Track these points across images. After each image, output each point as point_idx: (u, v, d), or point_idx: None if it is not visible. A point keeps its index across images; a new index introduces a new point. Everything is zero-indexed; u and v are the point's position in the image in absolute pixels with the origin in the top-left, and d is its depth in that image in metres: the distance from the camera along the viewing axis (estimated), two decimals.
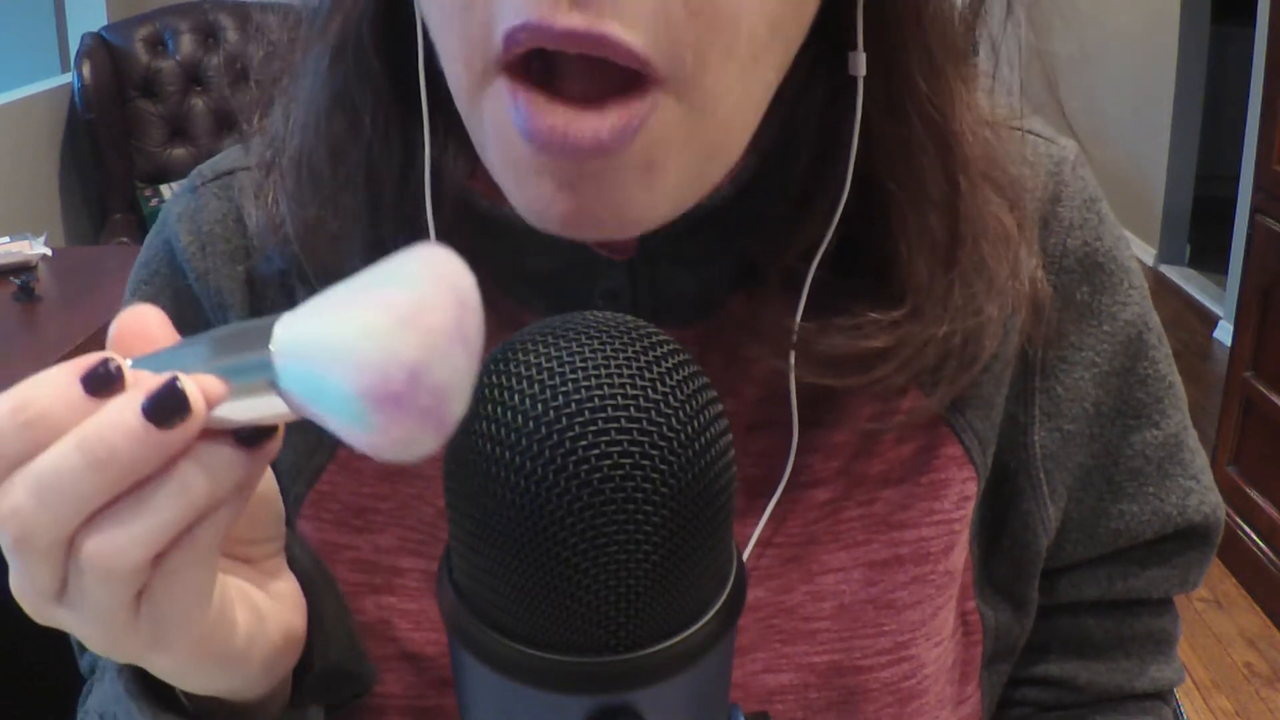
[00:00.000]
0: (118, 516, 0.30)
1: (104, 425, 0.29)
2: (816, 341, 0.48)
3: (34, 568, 0.31)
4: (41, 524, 0.30)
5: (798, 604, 0.53)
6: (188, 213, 0.56)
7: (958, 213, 0.48)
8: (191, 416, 0.29)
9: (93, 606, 0.32)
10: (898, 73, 0.45)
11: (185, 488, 0.30)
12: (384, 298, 0.27)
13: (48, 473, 0.30)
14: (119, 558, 0.30)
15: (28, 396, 0.30)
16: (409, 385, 0.26)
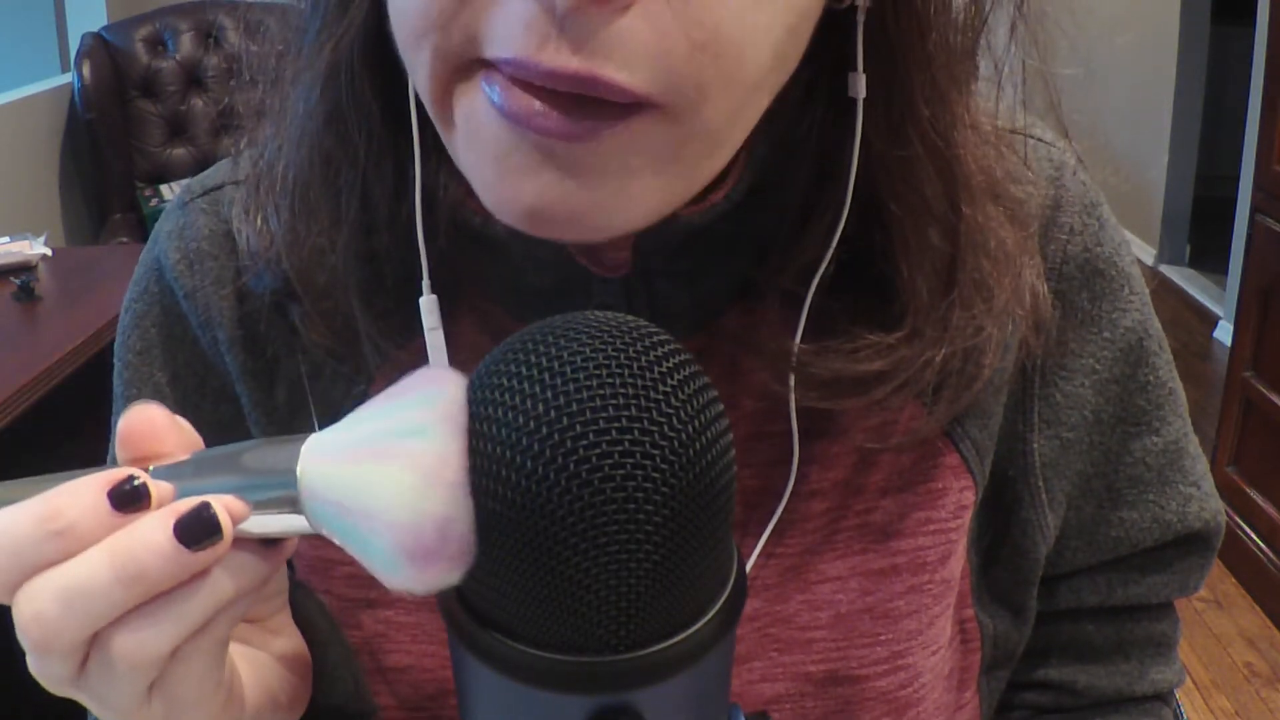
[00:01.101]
0: (146, 617, 0.32)
1: (135, 543, 0.31)
2: (814, 364, 0.47)
3: (54, 664, 0.33)
4: (66, 630, 0.31)
5: (794, 613, 0.53)
6: (176, 230, 0.56)
7: (958, 233, 0.47)
8: (220, 538, 0.31)
9: (110, 693, 0.33)
10: (899, 95, 0.45)
11: (214, 592, 0.32)
12: (406, 451, 0.30)
13: (76, 583, 0.31)
14: (143, 653, 0.32)
15: (58, 506, 0.31)
16: (439, 540, 0.30)
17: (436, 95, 0.40)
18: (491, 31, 0.36)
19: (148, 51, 3.12)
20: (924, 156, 0.46)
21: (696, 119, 0.38)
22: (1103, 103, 4.58)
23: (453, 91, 0.39)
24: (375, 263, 0.49)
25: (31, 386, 1.60)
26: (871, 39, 0.44)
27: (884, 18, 0.43)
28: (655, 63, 0.36)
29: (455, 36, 0.37)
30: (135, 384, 0.57)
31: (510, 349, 0.32)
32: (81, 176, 3.17)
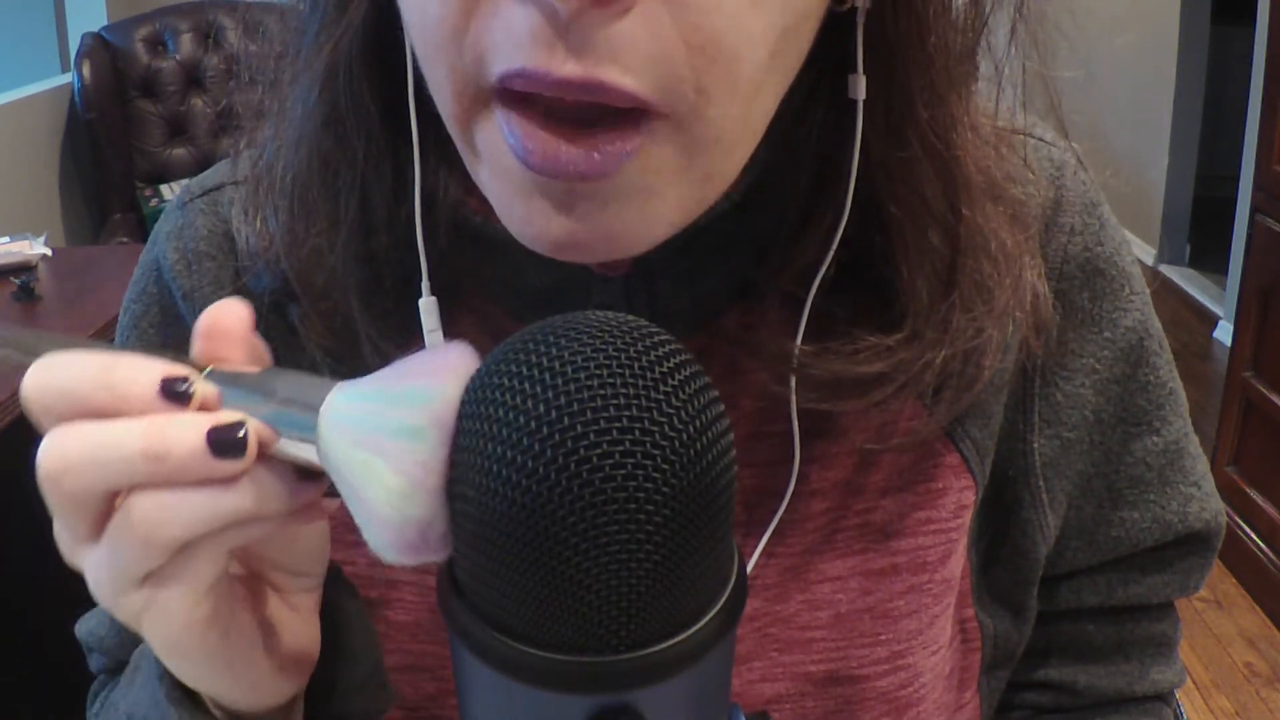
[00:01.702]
0: (172, 494, 0.33)
1: (170, 431, 0.33)
2: (813, 366, 0.47)
3: (65, 511, 0.35)
4: (82, 475, 0.33)
5: (794, 613, 0.53)
6: (175, 230, 0.56)
7: (958, 235, 0.47)
8: (242, 459, 0.33)
9: (113, 564, 0.35)
10: (899, 96, 0.45)
11: (236, 498, 0.34)
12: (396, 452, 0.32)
13: (107, 439, 0.33)
14: (158, 530, 0.33)
15: (118, 371, 0.34)
16: (420, 540, 0.32)
17: (460, 122, 0.40)
18: (496, 44, 0.37)
19: (148, 51, 3.12)
20: (924, 158, 0.46)
21: (701, 124, 0.38)
22: (1103, 103, 4.59)
23: (474, 119, 0.40)
24: (374, 263, 0.49)
25: None
26: (871, 41, 0.44)
27: (884, 19, 0.43)
28: (655, 66, 0.36)
29: (467, 56, 0.38)
30: None
31: (510, 349, 0.32)
32: (81, 176, 3.17)
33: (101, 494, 0.34)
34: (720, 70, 0.37)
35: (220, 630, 0.37)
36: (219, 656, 0.38)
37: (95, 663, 0.63)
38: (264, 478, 0.34)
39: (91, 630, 0.62)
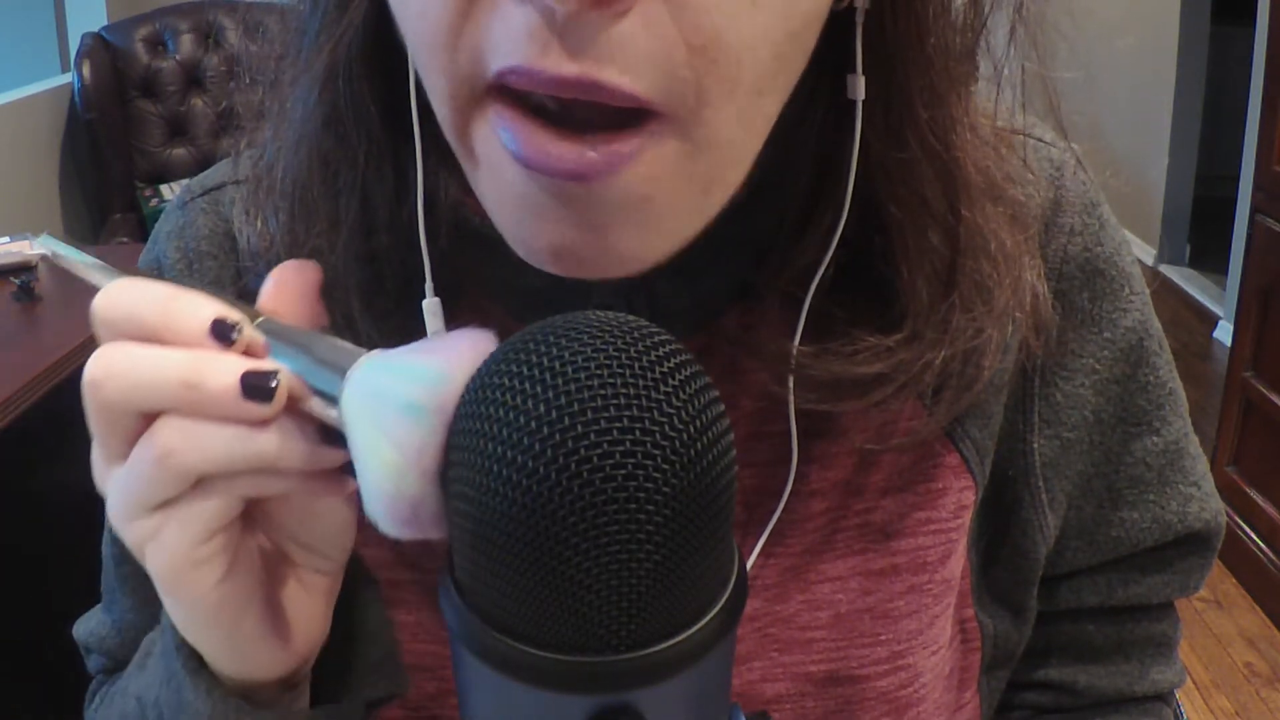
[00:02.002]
0: (199, 423, 0.35)
1: (209, 365, 0.35)
2: (813, 366, 0.47)
3: (100, 423, 0.36)
4: (117, 385, 0.35)
5: (794, 613, 0.53)
6: (176, 230, 0.56)
7: (958, 236, 0.47)
8: (269, 405, 0.35)
9: (132, 486, 0.36)
10: (898, 97, 0.44)
11: (261, 441, 0.35)
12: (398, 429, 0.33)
13: (149, 361, 0.35)
14: (176, 456, 0.35)
15: (177, 303, 0.36)
16: (411, 515, 0.33)
17: (456, 126, 0.40)
18: (494, 44, 0.36)
19: (148, 51, 3.12)
20: (923, 159, 0.46)
21: (702, 127, 0.38)
22: (1102, 103, 4.59)
23: (470, 121, 0.39)
24: (375, 264, 0.49)
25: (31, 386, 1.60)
26: (871, 41, 0.44)
27: (883, 20, 0.43)
28: (655, 67, 0.36)
29: (463, 56, 0.37)
30: None
31: (510, 349, 0.32)
32: (81, 176, 3.17)
33: (135, 410, 0.36)
34: (721, 71, 0.37)
35: (218, 576, 0.38)
36: (211, 604, 0.38)
37: (94, 663, 0.63)
38: (289, 430, 0.35)
39: (91, 631, 0.62)
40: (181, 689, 0.43)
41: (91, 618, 0.64)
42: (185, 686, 0.42)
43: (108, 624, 0.62)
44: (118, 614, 0.61)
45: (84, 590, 0.65)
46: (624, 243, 0.39)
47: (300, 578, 0.42)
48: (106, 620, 0.62)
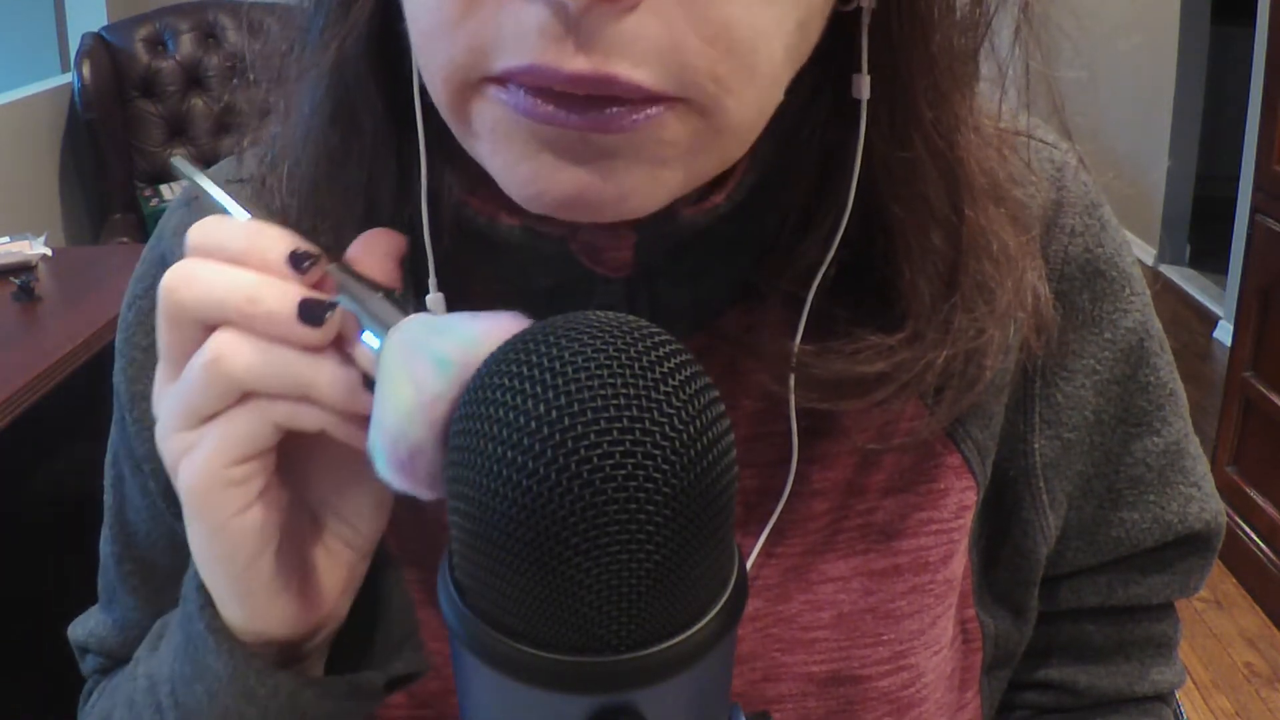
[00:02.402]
0: (253, 337, 0.37)
1: (273, 287, 0.38)
2: (814, 365, 0.47)
3: (165, 330, 0.39)
4: (188, 290, 0.38)
5: (796, 613, 0.53)
6: (183, 226, 0.56)
7: (960, 236, 0.47)
8: (314, 334, 0.37)
9: (180, 396, 0.38)
10: (902, 97, 0.45)
11: (306, 368, 0.37)
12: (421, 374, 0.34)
13: (221, 275, 0.38)
14: (224, 362, 0.37)
15: (261, 235, 0.39)
16: (409, 460, 0.34)
17: (453, 107, 0.40)
18: (501, 41, 0.36)
19: (148, 51, 3.12)
20: (926, 158, 0.46)
21: (721, 112, 0.38)
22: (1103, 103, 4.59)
23: (469, 103, 0.39)
24: None
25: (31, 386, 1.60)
26: (875, 41, 0.44)
27: (888, 20, 0.43)
28: (667, 59, 0.36)
29: (461, 44, 0.37)
30: (141, 379, 0.57)
31: (510, 349, 0.32)
32: (81, 176, 3.17)
33: (199, 319, 0.38)
34: (736, 60, 0.37)
35: (244, 502, 0.39)
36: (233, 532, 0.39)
37: (89, 664, 0.63)
38: (331, 364, 0.37)
39: (91, 631, 0.62)
40: (201, 652, 0.43)
41: (89, 618, 0.63)
42: (206, 648, 0.43)
43: (107, 623, 0.62)
44: (118, 613, 0.61)
45: (83, 590, 0.65)
46: (634, 194, 0.39)
47: (327, 544, 0.43)
48: (106, 620, 0.62)
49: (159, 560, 0.59)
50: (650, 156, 0.38)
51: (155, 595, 0.60)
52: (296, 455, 0.41)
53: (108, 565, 0.61)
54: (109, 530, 0.61)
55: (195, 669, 0.44)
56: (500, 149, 0.40)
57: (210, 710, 0.43)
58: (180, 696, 0.45)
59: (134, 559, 0.60)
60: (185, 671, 0.44)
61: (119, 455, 0.60)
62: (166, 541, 0.59)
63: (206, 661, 0.43)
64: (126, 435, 0.58)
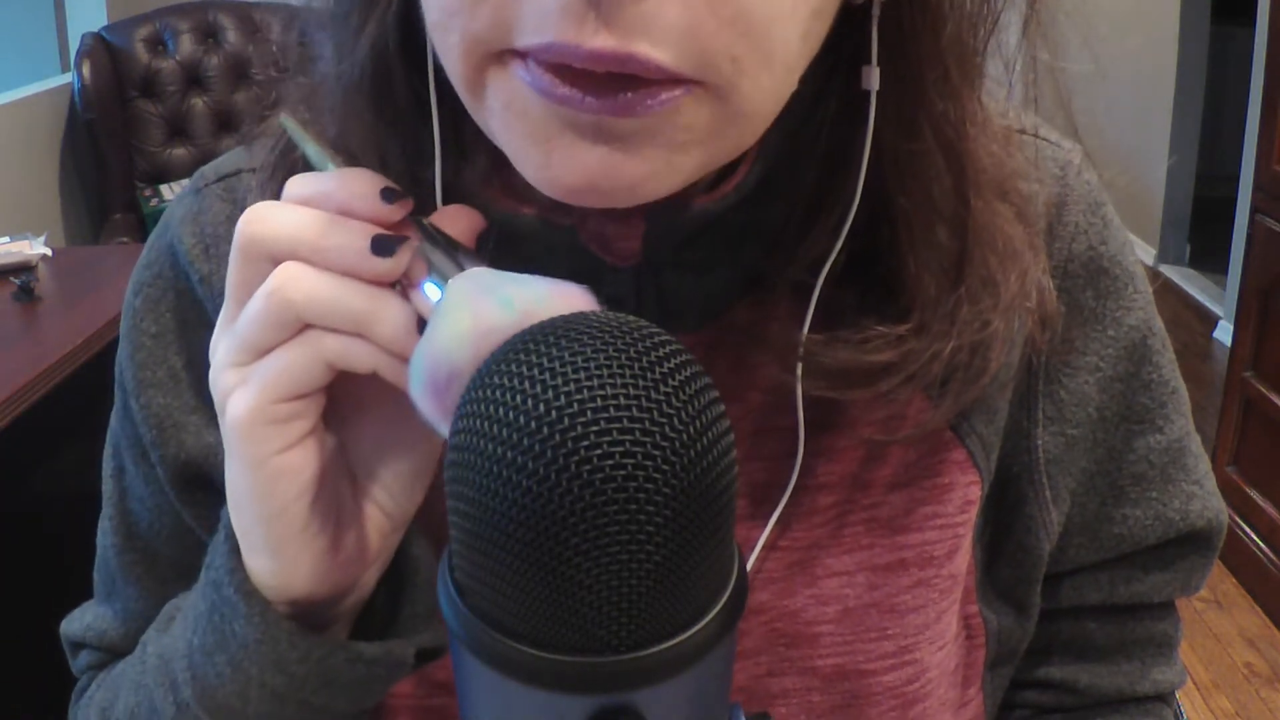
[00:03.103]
0: (312, 272, 0.38)
1: (347, 222, 0.39)
2: (822, 354, 0.48)
3: (236, 266, 0.40)
4: (262, 225, 0.39)
5: (801, 608, 0.53)
6: (191, 215, 0.56)
7: (966, 229, 0.47)
8: (385, 263, 0.38)
9: (239, 331, 0.40)
10: (913, 89, 0.45)
11: (360, 299, 0.38)
12: (482, 308, 0.35)
13: (299, 213, 0.39)
14: (285, 288, 0.38)
15: (347, 173, 0.40)
16: (444, 384, 0.34)
17: (469, 80, 0.40)
18: (523, 18, 0.37)
19: (148, 51, 3.12)
20: (934, 151, 0.46)
21: (737, 96, 0.38)
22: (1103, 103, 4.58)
23: (485, 74, 0.39)
24: None
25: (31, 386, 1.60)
26: (886, 34, 0.44)
27: (899, 12, 0.44)
28: (685, 39, 0.36)
29: (483, 20, 0.37)
30: (149, 366, 0.56)
31: (511, 349, 0.32)
32: (81, 176, 3.17)
33: (271, 253, 0.39)
34: (752, 44, 0.37)
35: (287, 441, 0.40)
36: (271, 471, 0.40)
37: (83, 660, 0.63)
38: (391, 302, 0.38)
39: (88, 625, 0.62)
40: (228, 618, 0.43)
41: (86, 612, 0.63)
42: (236, 613, 0.43)
43: (107, 616, 0.61)
44: (120, 604, 0.61)
45: (84, 590, 0.65)
46: (649, 177, 0.39)
47: (363, 508, 0.43)
48: (106, 612, 0.61)
49: (162, 549, 0.59)
50: (666, 141, 0.38)
51: (158, 585, 0.60)
52: (344, 410, 0.42)
53: (107, 556, 0.61)
54: (109, 521, 0.60)
55: (219, 638, 0.44)
56: (514, 127, 0.40)
57: (232, 681, 0.44)
58: (198, 670, 0.45)
59: (136, 549, 0.60)
60: (207, 642, 0.44)
61: (120, 445, 0.59)
62: (170, 530, 0.59)
63: (233, 629, 0.43)
64: (131, 423, 0.58)
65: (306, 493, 0.41)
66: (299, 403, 0.40)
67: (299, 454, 0.40)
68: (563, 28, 0.36)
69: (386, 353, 0.38)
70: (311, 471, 0.41)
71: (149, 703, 0.49)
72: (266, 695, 0.43)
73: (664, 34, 0.36)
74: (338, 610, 0.45)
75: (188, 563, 0.59)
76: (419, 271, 0.39)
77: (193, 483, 0.57)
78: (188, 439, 0.56)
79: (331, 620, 0.45)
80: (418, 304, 0.39)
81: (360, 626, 0.47)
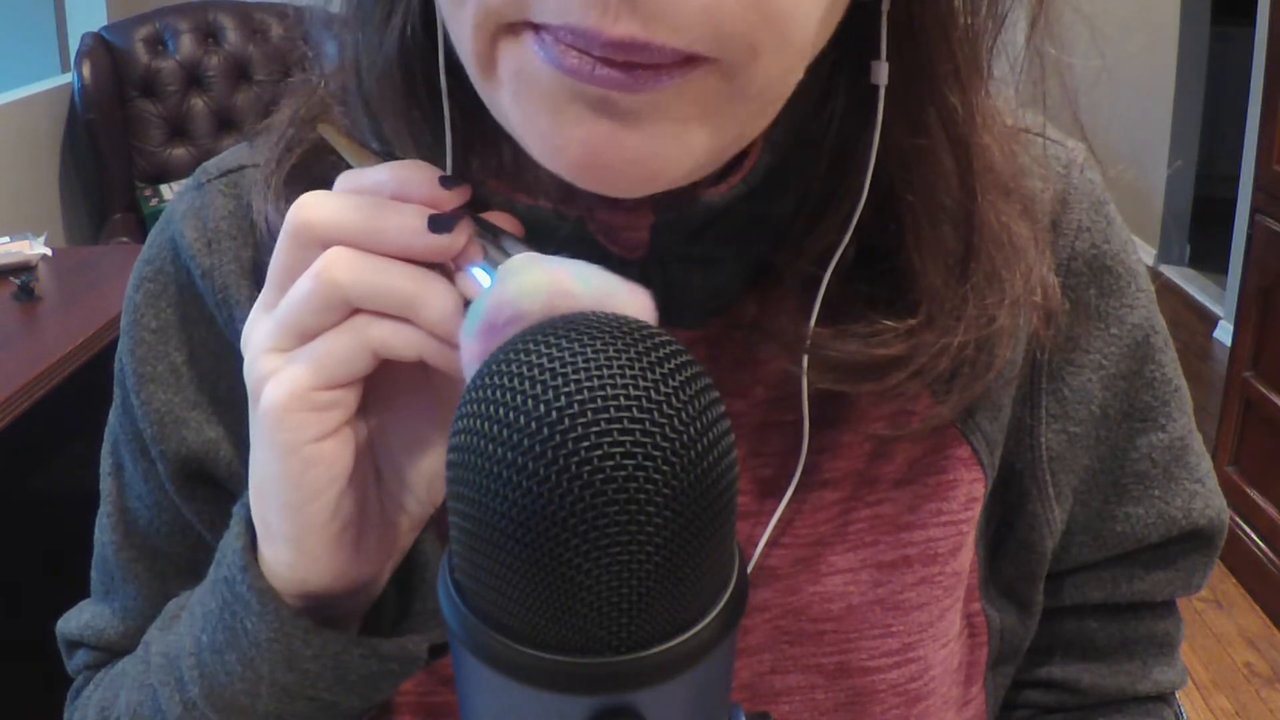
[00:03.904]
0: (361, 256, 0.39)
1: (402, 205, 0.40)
2: (830, 347, 0.48)
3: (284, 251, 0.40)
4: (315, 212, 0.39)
5: (805, 605, 0.53)
6: (193, 210, 0.56)
7: (973, 225, 0.47)
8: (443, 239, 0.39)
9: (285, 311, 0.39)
10: (922, 85, 0.45)
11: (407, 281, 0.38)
12: (561, 271, 0.35)
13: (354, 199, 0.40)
14: (332, 270, 0.38)
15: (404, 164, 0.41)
16: (501, 324, 0.34)
17: (480, 51, 0.39)
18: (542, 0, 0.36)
19: (148, 51, 3.12)
20: (943, 147, 0.46)
21: (749, 77, 0.38)
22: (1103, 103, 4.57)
23: (497, 46, 0.39)
24: None
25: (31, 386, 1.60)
26: (896, 29, 0.44)
27: (910, 8, 0.44)
28: (705, 21, 0.36)
29: None
30: (150, 361, 0.56)
31: (511, 349, 0.32)
32: (81, 176, 3.17)
33: (323, 238, 0.39)
34: (773, 28, 0.37)
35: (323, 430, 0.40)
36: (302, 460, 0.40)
37: (79, 659, 0.62)
38: (441, 284, 0.38)
39: (86, 624, 0.61)
40: (240, 616, 0.43)
41: (83, 611, 0.63)
42: (248, 610, 0.43)
43: (106, 614, 0.61)
44: (119, 602, 0.61)
45: (82, 589, 0.65)
46: (654, 156, 0.39)
47: (386, 506, 0.43)
48: (104, 610, 0.61)
49: (161, 547, 0.59)
50: (675, 115, 0.38)
51: (158, 582, 0.60)
52: (375, 405, 0.42)
53: (106, 554, 0.61)
54: (107, 519, 0.60)
55: (229, 635, 0.44)
56: (523, 98, 0.39)
57: (243, 679, 0.44)
58: (207, 667, 0.45)
59: (135, 546, 0.60)
60: (217, 640, 0.44)
61: (119, 442, 0.59)
62: (170, 527, 0.58)
63: (244, 625, 0.43)
64: (130, 419, 0.57)
65: (335, 484, 0.41)
66: (339, 391, 0.39)
67: (333, 444, 0.40)
68: (585, 13, 0.35)
69: (432, 337, 0.38)
70: (343, 463, 0.41)
71: (153, 701, 0.49)
72: (277, 692, 0.43)
73: (687, 19, 0.35)
74: (351, 606, 0.45)
75: (187, 559, 0.59)
76: (469, 255, 0.39)
77: (193, 479, 0.57)
78: (188, 435, 0.56)
79: (343, 615, 0.45)
80: (465, 288, 0.39)
81: (370, 622, 0.47)
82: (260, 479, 0.41)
